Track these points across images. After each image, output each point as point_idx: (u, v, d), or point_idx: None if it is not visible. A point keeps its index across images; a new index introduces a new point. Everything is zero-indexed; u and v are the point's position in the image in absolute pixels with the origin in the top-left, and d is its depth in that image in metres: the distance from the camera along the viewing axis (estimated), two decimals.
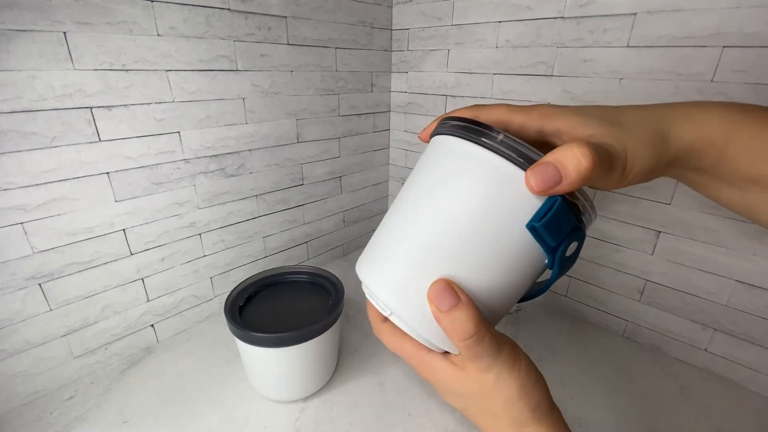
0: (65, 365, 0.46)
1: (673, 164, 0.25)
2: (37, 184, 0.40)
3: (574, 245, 0.23)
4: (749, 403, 0.46)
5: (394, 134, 0.79)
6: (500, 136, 0.22)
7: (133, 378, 0.48)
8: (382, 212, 0.85)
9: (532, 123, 0.25)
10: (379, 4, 0.68)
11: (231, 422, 0.43)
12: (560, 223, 0.21)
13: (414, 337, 0.26)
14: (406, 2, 0.68)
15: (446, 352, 0.27)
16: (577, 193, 0.22)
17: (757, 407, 0.46)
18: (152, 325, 0.53)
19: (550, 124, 0.25)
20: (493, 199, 0.22)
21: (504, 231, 0.22)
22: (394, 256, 0.25)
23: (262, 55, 0.54)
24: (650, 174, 0.25)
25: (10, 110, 0.37)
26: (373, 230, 0.28)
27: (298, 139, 0.62)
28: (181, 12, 0.45)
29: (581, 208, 0.23)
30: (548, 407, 0.27)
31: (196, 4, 0.46)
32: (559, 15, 0.51)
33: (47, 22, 0.37)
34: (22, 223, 0.40)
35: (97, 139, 0.43)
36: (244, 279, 0.49)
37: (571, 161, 0.20)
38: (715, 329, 0.49)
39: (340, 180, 0.72)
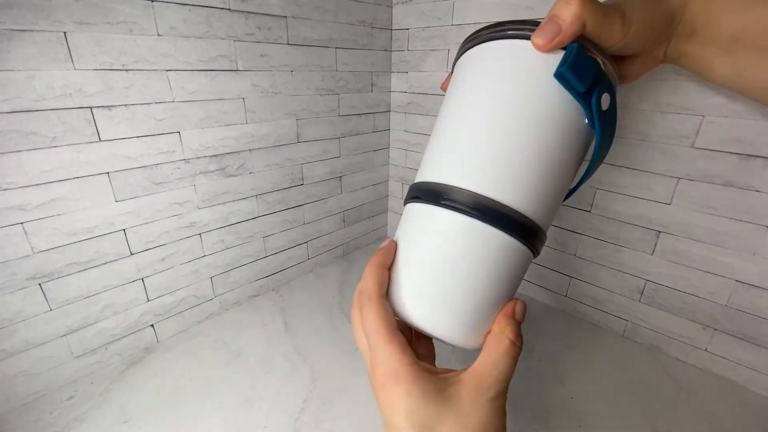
0: (65, 365, 0.46)
1: (669, 31, 0.27)
2: (37, 184, 0.40)
3: (606, 98, 0.24)
4: (749, 403, 0.46)
5: (394, 134, 0.79)
6: (496, 27, 0.25)
7: (133, 378, 0.48)
8: (383, 212, 0.85)
9: None
10: (379, 4, 0.68)
11: (231, 422, 0.43)
12: (583, 66, 0.23)
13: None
14: (406, 2, 0.68)
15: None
16: (592, 49, 0.24)
17: (757, 407, 0.46)
18: (152, 325, 0.53)
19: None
20: (517, 78, 0.24)
21: (537, 100, 0.24)
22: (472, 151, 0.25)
23: (262, 55, 0.54)
24: (652, 31, 0.26)
25: (10, 110, 0.37)
26: (374, 230, 0.29)
27: (298, 139, 0.62)
28: (181, 12, 0.45)
29: (600, 62, 0.24)
30: None
31: (196, 4, 0.46)
32: None
33: (47, 22, 0.37)
34: (22, 223, 0.40)
35: (97, 139, 0.43)
36: None
37: (561, 9, 0.23)
38: (715, 329, 0.49)
39: (340, 180, 0.72)
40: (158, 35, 0.44)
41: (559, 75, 0.23)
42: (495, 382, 0.23)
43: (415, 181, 0.28)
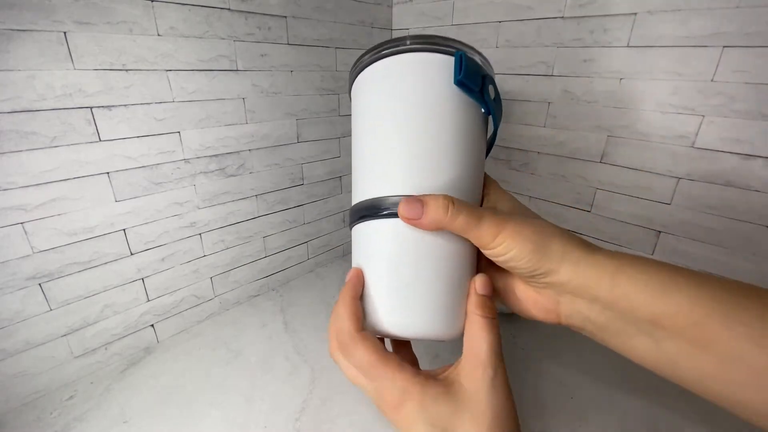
0: (65, 365, 0.46)
1: (560, 279, 0.24)
2: (37, 184, 0.40)
3: (492, 89, 0.28)
4: None
5: None
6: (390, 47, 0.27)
7: (133, 378, 0.48)
8: None
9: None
10: (379, 4, 0.68)
11: (231, 422, 0.43)
12: (472, 70, 0.26)
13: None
14: (406, 2, 0.68)
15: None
16: (470, 52, 0.28)
17: None
18: (152, 325, 0.53)
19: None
20: (418, 90, 0.27)
21: (441, 104, 0.26)
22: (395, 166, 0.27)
23: (262, 55, 0.54)
24: (533, 247, 0.24)
25: (10, 110, 0.37)
26: None
27: (298, 139, 0.62)
28: (181, 12, 0.45)
29: (480, 62, 0.28)
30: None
31: (196, 4, 0.46)
32: (559, 15, 0.51)
33: (47, 22, 0.37)
34: (22, 223, 0.40)
35: (97, 139, 0.43)
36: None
37: (432, 202, 0.24)
38: None
39: (340, 180, 0.72)
40: (158, 35, 0.44)
41: (459, 83, 0.25)
42: (488, 360, 0.24)
43: (352, 203, 0.30)
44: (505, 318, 0.60)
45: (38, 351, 0.44)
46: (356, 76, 0.30)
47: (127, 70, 0.43)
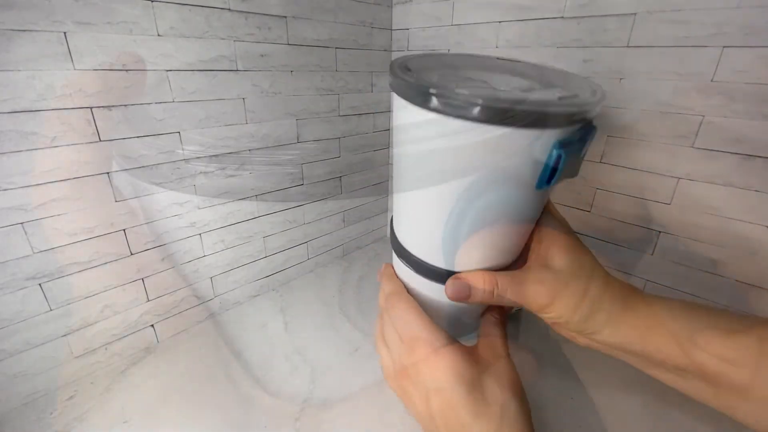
0: (65, 365, 0.46)
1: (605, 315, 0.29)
2: (37, 184, 0.40)
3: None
4: None
5: None
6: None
7: (133, 378, 0.48)
8: (383, 212, 0.85)
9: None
10: (379, 4, 0.68)
11: (231, 422, 0.43)
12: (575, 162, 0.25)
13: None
14: (406, 2, 0.68)
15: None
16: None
17: None
18: (152, 325, 0.53)
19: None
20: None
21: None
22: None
23: (262, 55, 0.54)
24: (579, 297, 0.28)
25: (10, 110, 0.37)
26: (374, 230, 0.31)
27: (298, 139, 0.62)
28: (181, 12, 0.45)
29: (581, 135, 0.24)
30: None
31: (196, 4, 0.46)
32: (559, 15, 0.51)
33: (47, 22, 0.37)
34: (22, 223, 0.40)
35: (97, 139, 0.43)
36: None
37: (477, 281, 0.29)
38: None
39: (340, 180, 0.72)
40: (158, 35, 0.44)
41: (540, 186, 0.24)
42: (501, 348, 0.31)
43: (394, 225, 0.33)
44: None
45: (38, 351, 0.44)
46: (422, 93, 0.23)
47: (127, 71, 0.43)
